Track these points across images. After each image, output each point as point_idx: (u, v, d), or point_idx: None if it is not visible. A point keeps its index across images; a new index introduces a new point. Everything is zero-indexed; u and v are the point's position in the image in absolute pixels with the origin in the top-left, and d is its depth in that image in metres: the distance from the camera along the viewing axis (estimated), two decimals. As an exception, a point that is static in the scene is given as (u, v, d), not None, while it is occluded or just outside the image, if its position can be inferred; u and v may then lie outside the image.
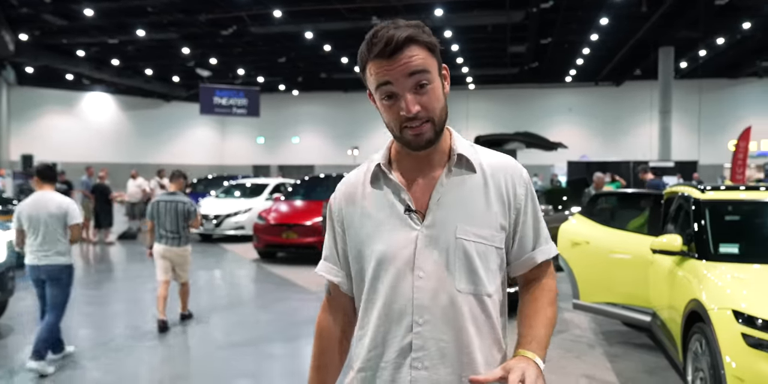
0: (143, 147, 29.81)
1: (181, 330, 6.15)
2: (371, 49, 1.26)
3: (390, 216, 1.34)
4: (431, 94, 1.27)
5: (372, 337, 1.34)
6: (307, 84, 30.00)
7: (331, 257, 1.47)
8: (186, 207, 6.11)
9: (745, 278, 3.51)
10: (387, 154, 1.41)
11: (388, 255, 1.32)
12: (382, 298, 1.33)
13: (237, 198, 14.09)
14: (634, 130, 28.55)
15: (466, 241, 1.30)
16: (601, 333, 5.71)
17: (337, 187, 1.47)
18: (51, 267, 4.76)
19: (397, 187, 1.35)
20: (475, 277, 1.31)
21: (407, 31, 1.25)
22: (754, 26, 18.76)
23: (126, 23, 18.37)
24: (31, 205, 4.78)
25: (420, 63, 1.25)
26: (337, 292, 1.48)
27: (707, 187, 4.50)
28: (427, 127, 1.27)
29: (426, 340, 1.29)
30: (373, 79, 1.28)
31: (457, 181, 1.34)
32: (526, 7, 16.79)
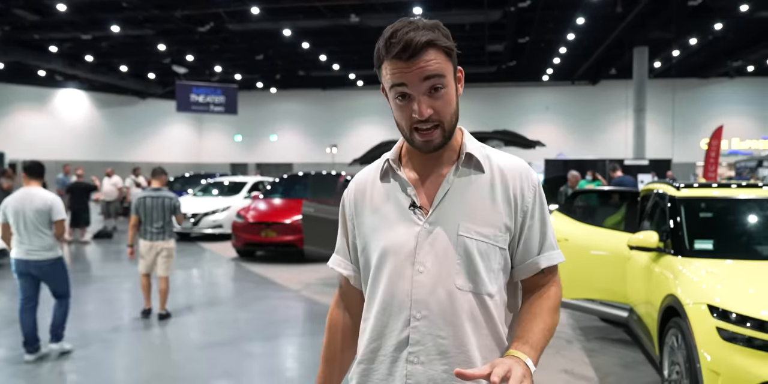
0: (118, 145, 29.37)
1: (160, 330, 6.09)
2: (389, 50, 1.27)
3: (395, 211, 1.37)
4: (444, 98, 1.29)
5: (372, 330, 1.37)
6: (285, 82, 29.81)
7: (342, 251, 1.51)
8: (173, 202, 6.32)
9: (719, 273, 3.59)
10: (398, 151, 1.44)
11: (391, 249, 1.34)
12: (382, 292, 1.35)
13: (215, 196, 13.98)
14: (609, 128, 28.94)
15: (467, 239, 1.31)
16: (579, 329, 5.79)
17: (350, 183, 1.51)
18: (41, 263, 4.89)
19: (404, 183, 1.38)
20: (475, 276, 1.31)
21: (427, 35, 1.26)
22: (725, 27, 19.12)
23: (100, 19, 18.04)
24: (18, 200, 4.89)
25: (436, 68, 1.27)
26: (347, 285, 1.52)
27: (682, 185, 4.59)
28: (437, 133, 1.30)
29: (423, 335, 1.30)
30: (388, 78, 1.30)
31: (464, 180, 1.36)
32: (504, 6, 16.89)
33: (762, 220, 4.39)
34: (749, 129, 27.99)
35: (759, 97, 28.25)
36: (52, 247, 4.95)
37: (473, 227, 1.32)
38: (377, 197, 1.41)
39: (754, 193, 4.44)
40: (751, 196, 4.41)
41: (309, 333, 5.92)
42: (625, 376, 4.48)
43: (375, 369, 1.36)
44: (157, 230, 6.26)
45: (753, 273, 3.59)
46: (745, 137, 27.89)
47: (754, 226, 4.39)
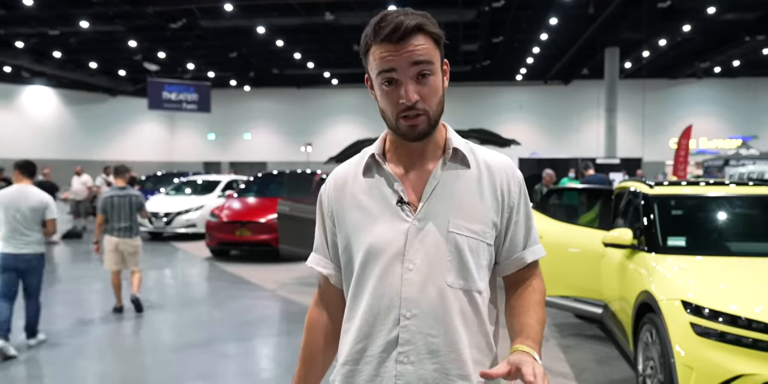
0: (88, 143, 28.79)
1: (131, 331, 5.99)
2: (378, 33, 1.25)
3: (382, 207, 1.33)
4: (431, 85, 1.27)
5: (358, 330, 1.33)
6: (259, 80, 29.57)
7: (321, 249, 1.46)
8: (138, 199, 6.51)
9: (692, 270, 3.65)
10: (381, 145, 1.40)
11: (378, 246, 1.30)
12: (369, 291, 1.31)
13: (188, 195, 13.78)
14: (582, 127, 29.33)
15: (458, 236, 1.29)
16: (554, 325, 5.85)
17: (328, 178, 1.47)
18: (29, 256, 5.13)
19: (390, 178, 1.34)
20: (465, 273, 1.30)
21: (417, 19, 1.25)
22: (693, 29, 19.51)
23: (68, 14, 17.66)
24: (11, 197, 5.10)
25: (425, 53, 1.25)
26: (327, 285, 1.47)
27: (656, 183, 4.66)
28: (422, 119, 1.27)
29: (413, 334, 1.27)
30: (375, 63, 1.27)
31: (452, 175, 1.33)
32: (478, 6, 16.99)
33: (732, 216, 4.48)
34: (716, 129, 28.63)
35: (725, 97, 28.92)
36: (40, 242, 5.22)
37: (463, 223, 1.30)
38: (360, 193, 1.36)
39: (724, 191, 4.52)
40: (721, 193, 4.50)
41: (285, 333, 5.88)
42: (600, 371, 4.53)
43: (361, 370, 1.32)
44: (124, 228, 6.40)
45: (725, 269, 3.66)
46: (712, 137, 28.53)
47: (725, 222, 4.48)
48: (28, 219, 5.10)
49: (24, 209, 5.08)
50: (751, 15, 18.03)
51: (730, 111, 28.76)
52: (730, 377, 2.91)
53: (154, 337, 5.84)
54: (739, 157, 19.02)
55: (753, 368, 2.88)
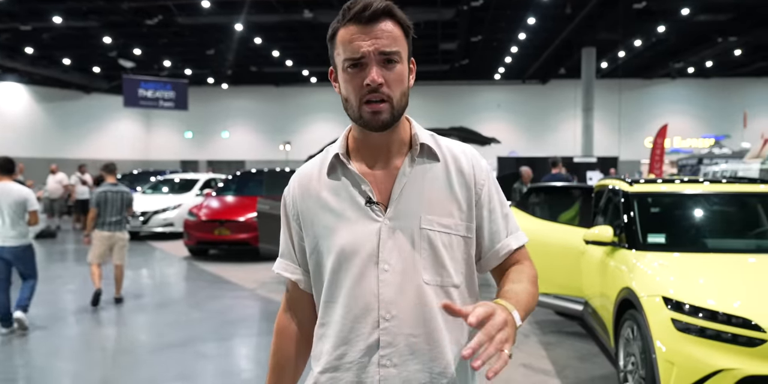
0: (62, 141, 28.24)
1: (109, 332, 5.90)
2: (346, 13, 1.23)
3: (350, 208, 1.29)
4: (397, 72, 1.24)
5: (335, 336, 1.29)
6: (237, 77, 29.29)
7: (288, 254, 1.41)
8: (129, 196, 6.92)
9: (672, 266, 3.70)
10: (345, 144, 1.35)
11: (350, 248, 1.27)
12: (344, 294, 1.27)
13: (165, 194, 13.62)
14: (559, 126, 29.61)
15: (431, 232, 1.27)
16: (535, 322, 5.88)
17: (291, 179, 1.41)
18: (16, 248, 5.53)
19: (356, 178, 1.30)
20: (441, 269, 1.27)
21: (386, 2, 1.23)
22: (668, 30, 19.81)
23: (41, 9, 17.29)
24: None
25: (393, 42, 1.23)
26: (295, 289, 1.42)
27: (635, 181, 4.71)
28: (385, 106, 1.23)
29: (395, 336, 1.24)
30: (342, 45, 1.24)
31: (420, 171, 1.30)
32: (457, 5, 17.05)
33: (711, 213, 4.55)
34: (690, 128, 29.12)
35: (699, 97, 29.43)
36: (26, 234, 5.63)
37: (435, 219, 1.28)
38: (327, 194, 1.32)
39: (703, 189, 4.59)
40: (699, 191, 4.56)
41: (265, 332, 5.83)
42: (582, 368, 4.57)
43: (341, 377, 1.28)
44: (116, 221, 6.79)
45: (704, 265, 3.71)
46: (686, 136, 29.01)
47: (704, 219, 4.55)
48: (12, 213, 5.46)
49: (8, 204, 5.44)
50: (723, 16, 18.37)
51: (704, 111, 29.29)
52: (711, 372, 2.95)
53: (131, 337, 5.76)
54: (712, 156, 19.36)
55: (733, 363, 2.93)
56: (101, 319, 6.33)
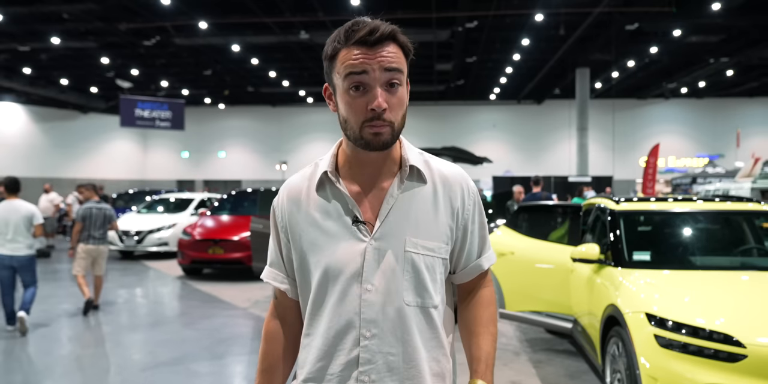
0: (58, 161, 28.30)
1: (102, 351, 5.87)
2: (350, 36, 1.24)
3: (337, 226, 1.31)
4: (399, 97, 1.26)
5: (318, 349, 1.32)
6: (234, 98, 29.51)
7: (277, 263, 1.45)
8: (111, 212, 7.66)
9: (656, 283, 3.73)
10: (334, 161, 1.37)
11: (335, 267, 1.30)
12: (328, 311, 1.31)
13: (160, 213, 13.61)
14: (554, 146, 29.79)
15: (414, 254, 1.30)
16: (526, 340, 5.89)
17: (280, 191, 1.44)
18: (22, 258, 6.21)
19: (344, 197, 1.32)
20: (422, 290, 1.31)
21: (391, 27, 1.25)
22: (660, 51, 20.09)
23: (39, 30, 17.48)
24: (6, 210, 6.22)
25: (398, 61, 1.25)
26: (283, 298, 1.46)
27: (622, 199, 4.77)
28: (387, 130, 1.25)
29: (374, 353, 1.28)
30: (343, 66, 1.24)
31: (408, 193, 1.33)
32: (452, 26, 17.28)
33: (696, 231, 4.61)
34: (684, 147, 29.33)
35: (692, 117, 29.70)
36: (32, 246, 6.32)
37: (419, 242, 1.31)
38: (315, 210, 1.34)
39: (688, 207, 4.65)
40: (685, 209, 4.62)
41: (257, 351, 5.78)
42: (571, 386, 4.57)
43: None
44: (99, 236, 7.47)
45: (688, 282, 3.75)
46: (681, 155, 29.20)
47: (690, 237, 4.60)
48: (21, 227, 6.18)
49: (16, 220, 6.16)
50: (715, 38, 18.65)
51: (697, 130, 29.53)
52: (693, 388, 2.97)
53: (124, 356, 5.73)
54: (706, 175, 19.52)
55: (715, 378, 2.95)
56: (93, 337, 6.31)
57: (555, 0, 14.98)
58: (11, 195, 6.40)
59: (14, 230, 6.14)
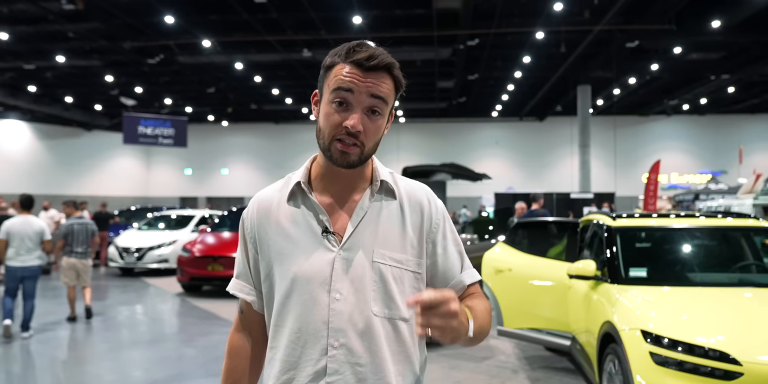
0: (62, 178, 28.44)
1: (99, 369, 5.82)
2: (350, 54, 1.28)
3: (306, 236, 1.32)
4: (377, 124, 1.29)
5: (284, 360, 1.31)
6: (237, 115, 29.69)
7: (244, 275, 1.44)
8: (93, 227, 7.98)
9: (652, 300, 3.69)
10: (307, 173, 1.40)
11: (303, 275, 1.30)
12: (295, 320, 1.30)
13: (161, 230, 13.60)
14: (556, 162, 29.80)
15: (382, 265, 1.31)
16: (525, 358, 5.82)
17: (250, 202, 1.45)
18: (32, 268, 6.84)
19: (315, 208, 1.34)
20: (390, 302, 1.31)
21: (391, 60, 1.30)
22: (661, 68, 20.18)
23: (44, 49, 17.68)
24: (20, 224, 6.80)
25: (386, 92, 1.29)
26: (249, 310, 1.45)
27: (618, 215, 4.75)
28: (356, 150, 1.28)
29: (341, 364, 1.27)
30: (334, 80, 1.28)
31: (377, 206, 1.35)
32: (454, 44, 17.41)
33: (693, 248, 4.57)
34: (687, 164, 29.31)
35: (694, 134, 29.73)
36: (41, 257, 6.95)
37: (387, 253, 1.32)
38: (285, 220, 1.36)
39: (685, 223, 4.62)
40: (682, 225, 4.59)
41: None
42: (569, 405, 4.50)
43: None
44: (83, 250, 7.76)
45: (684, 299, 3.71)
46: (683, 172, 29.17)
47: (687, 253, 4.56)
48: (32, 241, 6.80)
49: (29, 234, 6.78)
50: (715, 55, 18.73)
51: (700, 147, 29.54)
52: (690, 406, 2.92)
53: (121, 374, 5.68)
54: (708, 192, 19.45)
55: (711, 397, 2.90)
56: (91, 354, 6.26)
57: (555, 18, 15.09)
58: (24, 211, 7.01)
59: (26, 244, 6.75)
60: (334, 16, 15.34)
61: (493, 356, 5.89)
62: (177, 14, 14.89)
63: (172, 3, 14.49)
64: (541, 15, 15.03)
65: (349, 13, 14.92)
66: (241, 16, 15.01)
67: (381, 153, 1.38)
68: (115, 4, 14.43)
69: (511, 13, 15.56)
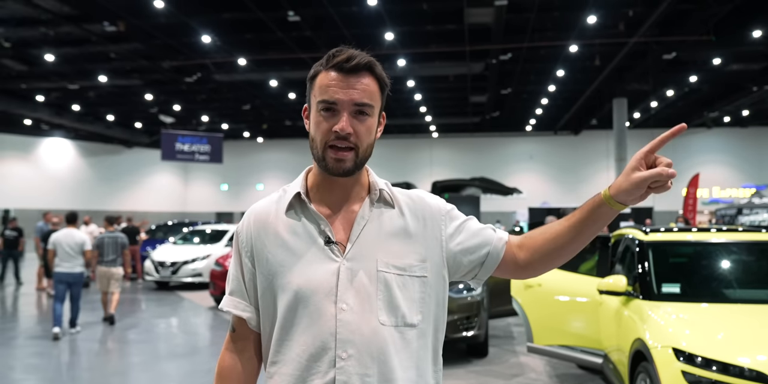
0: (103, 194, 29.22)
1: (131, 379, 5.89)
2: (330, 60, 1.29)
3: (307, 247, 1.31)
4: (367, 125, 1.29)
5: (290, 374, 1.28)
6: (271, 131, 30.12)
7: (238, 291, 1.39)
8: (123, 240, 8.86)
9: (686, 317, 3.56)
10: (304, 184, 1.39)
11: (308, 287, 1.28)
12: (301, 333, 1.28)
13: (195, 244, 13.81)
14: (592, 177, 29.30)
15: (387, 274, 1.30)
16: (556, 376, 5.67)
17: (245, 215, 1.43)
18: (75, 274, 7.86)
19: (316, 218, 1.33)
20: (396, 310, 1.29)
21: (369, 58, 1.30)
22: (700, 80, 19.73)
23: (88, 69, 18.31)
24: (65, 236, 7.89)
25: (368, 95, 1.29)
26: (243, 328, 1.39)
27: (650, 229, 4.62)
28: (350, 155, 1.28)
29: (350, 375, 1.24)
30: (318, 90, 1.30)
31: (377, 215, 1.35)
32: (486, 59, 17.37)
33: (729, 263, 4.40)
34: (728, 178, 28.47)
35: (736, 147, 28.89)
36: (82, 265, 7.95)
37: (391, 261, 1.31)
38: (284, 232, 1.33)
39: (719, 237, 4.46)
40: (717, 239, 4.43)
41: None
42: (601, 425, 4.36)
43: None
44: (110, 260, 8.65)
45: (719, 316, 3.57)
46: (725, 186, 28.33)
47: (722, 269, 4.39)
48: (74, 250, 7.80)
49: (71, 244, 7.79)
50: (756, 66, 18.24)
51: (743, 160, 28.67)
52: (725, 429, 2.79)
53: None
54: (752, 206, 18.79)
55: (748, 419, 2.76)
56: (123, 366, 6.34)
57: (589, 31, 14.94)
58: (70, 225, 8.12)
59: (71, 253, 7.78)
60: (366, 33, 15.49)
61: (523, 373, 5.75)
62: (213, 34, 15.26)
63: (209, 23, 14.87)
64: (575, 28, 14.90)
65: (381, 29, 15.05)
66: (276, 34, 15.29)
67: (413, 168, 1.39)
68: (155, 26, 14.87)
69: (543, 27, 15.47)
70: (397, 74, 18.26)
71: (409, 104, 23.98)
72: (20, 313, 10.36)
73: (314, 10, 13.93)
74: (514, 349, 6.78)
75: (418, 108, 24.57)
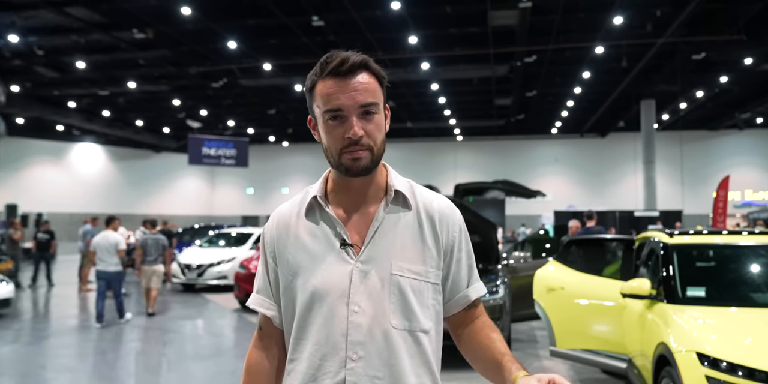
0: (132, 197, 29.77)
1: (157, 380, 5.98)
2: (324, 68, 1.29)
3: (325, 249, 1.33)
4: (376, 122, 1.30)
5: (303, 373, 1.31)
6: (296, 135, 30.36)
7: (264, 290, 1.44)
8: (163, 241, 9.79)
9: (711, 321, 3.50)
10: (323, 187, 1.40)
11: (322, 288, 1.30)
12: (314, 333, 1.30)
13: (221, 247, 13.96)
14: (619, 180, 28.90)
15: (401, 277, 1.30)
16: (579, 381, 5.60)
17: (270, 217, 1.47)
18: (111, 273, 8.74)
19: (332, 221, 1.34)
20: (409, 314, 1.30)
21: (362, 56, 1.30)
22: (730, 80, 19.34)
23: (117, 76, 18.71)
24: (99, 239, 8.84)
25: (370, 94, 1.29)
26: (269, 326, 1.44)
27: (676, 232, 4.54)
28: (366, 154, 1.28)
29: (360, 376, 1.26)
30: (321, 100, 1.30)
31: (393, 218, 1.35)
32: (510, 61, 17.27)
33: (757, 266, 4.30)
34: (762, 180, 27.82)
35: (770, 148, 28.23)
36: (118, 264, 8.80)
37: (405, 265, 1.31)
38: (303, 234, 1.36)
39: (747, 240, 4.37)
40: (744, 242, 4.34)
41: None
42: (625, 431, 4.29)
43: None
44: (152, 259, 9.58)
45: (745, 320, 3.49)
46: (758, 188, 27.69)
47: (748, 272, 4.30)
48: (109, 251, 8.68)
49: (106, 246, 8.70)
50: (790, 66, 17.82)
51: (776, 162, 28.02)
52: (750, 435, 2.73)
53: (172, 387, 5.83)
54: (785, 209, 18.35)
55: (774, 426, 2.70)
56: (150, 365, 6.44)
57: (615, 32, 14.76)
58: (108, 227, 9.06)
59: (106, 253, 8.67)
60: (390, 37, 15.53)
61: (546, 378, 5.68)
62: (239, 40, 15.47)
63: (235, 29, 15.07)
64: (601, 29, 14.74)
65: (405, 33, 15.08)
66: (300, 39, 15.43)
67: (437, 172, 1.39)
68: (182, 33, 15.13)
69: (568, 28, 15.32)
70: (421, 77, 18.27)
71: (434, 107, 23.95)
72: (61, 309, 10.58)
73: (338, 14, 14.02)
74: (537, 353, 6.71)
75: (443, 111, 24.53)
